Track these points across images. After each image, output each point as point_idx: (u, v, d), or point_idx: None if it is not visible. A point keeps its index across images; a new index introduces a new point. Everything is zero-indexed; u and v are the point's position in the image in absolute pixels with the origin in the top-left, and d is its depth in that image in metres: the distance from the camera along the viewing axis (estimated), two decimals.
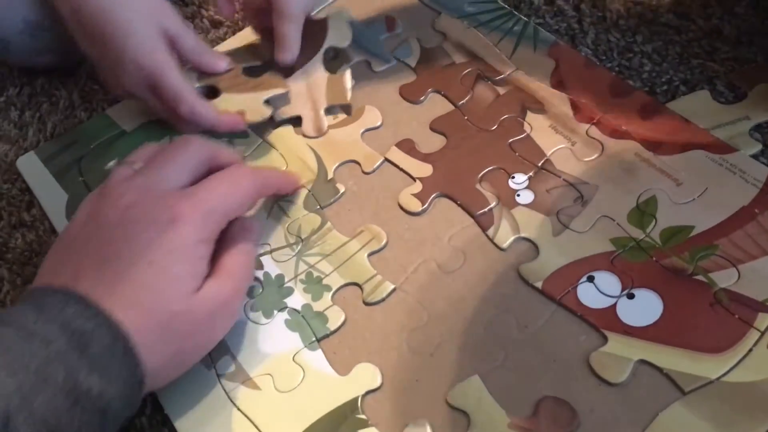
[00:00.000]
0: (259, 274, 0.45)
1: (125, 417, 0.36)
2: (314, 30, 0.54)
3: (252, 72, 0.54)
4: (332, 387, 0.40)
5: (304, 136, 0.51)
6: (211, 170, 0.42)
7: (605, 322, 0.39)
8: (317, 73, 0.53)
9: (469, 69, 0.53)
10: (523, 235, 0.44)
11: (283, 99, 0.53)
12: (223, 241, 0.40)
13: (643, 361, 0.38)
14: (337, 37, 0.54)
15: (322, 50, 0.54)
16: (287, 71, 0.53)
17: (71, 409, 0.32)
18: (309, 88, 0.53)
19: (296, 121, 0.52)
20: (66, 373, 0.32)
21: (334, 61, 0.55)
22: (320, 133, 0.51)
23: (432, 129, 0.50)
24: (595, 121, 0.48)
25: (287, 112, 0.52)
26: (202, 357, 0.39)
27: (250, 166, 0.49)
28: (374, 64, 0.55)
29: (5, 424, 0.30)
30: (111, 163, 0.52)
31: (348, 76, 0.53)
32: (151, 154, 0.42)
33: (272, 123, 0.52)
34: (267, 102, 0.52)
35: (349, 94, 0.52)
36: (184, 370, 0.39)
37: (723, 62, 0.51)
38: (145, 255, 0.36)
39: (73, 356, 0.33)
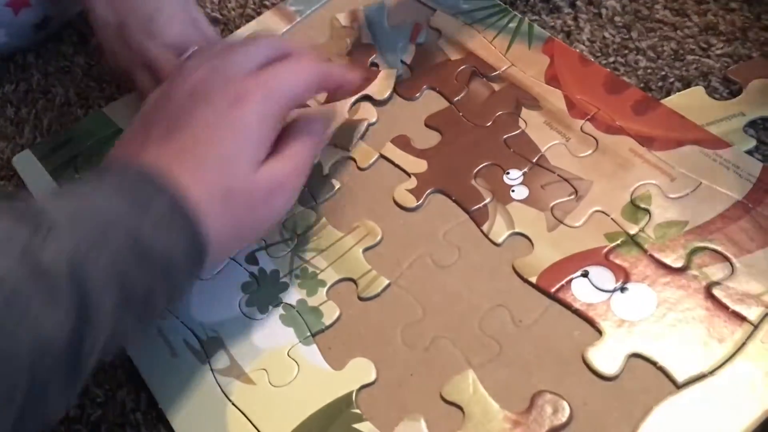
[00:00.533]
0: (254, 269, 0.45)
1: (191, 282, 0.37)
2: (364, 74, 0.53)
3: None
4: (327, 382, 0.40)
5: None
6: None
7: (599, 316, 0.39)
8: (338, 114, 0.52)
9: (464, 66, 0.53)
10: (517, 230, 0.44)
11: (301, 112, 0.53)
12: (287, 129, 0.41)
13: (637, 355, 0.38)
14: (378, 90, 0.53)
15: (357, 96, 0.52)
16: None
17: (137, 265, 0.33)
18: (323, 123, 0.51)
19: None
20: (128, 230, 0.33)
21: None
22: None
23: (427, 125, 0.50)
24: (589, 117, 0.48)
25: None
26: (261, 235, 0.41)
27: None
28: (381, 68, 0.55)
29: (72, 272, 0.30)
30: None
31: (360, 129, 0.51)
32: (223, 46, 0.44)
33: None
34: None
35: (353, 143, 0.50)
36: (244, 245, 0.41)
37: (718, 58, 0.51)
38: (209, 129, 0.38)
39: (135, 215, 0.33)
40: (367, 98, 0.53)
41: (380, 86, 0.53)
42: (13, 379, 0.28)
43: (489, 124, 0.49)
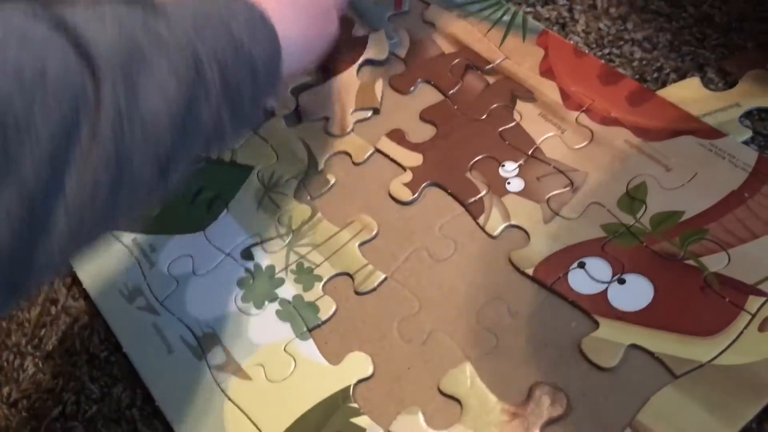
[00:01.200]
0: (249, 265, 0.45)
1: (270, 88, 0.39)
2: (355, 44, 0.56)
3: None
4: (324, 376, 0.40)
5: (327, 133, 0.51)
6: None
7: (596, 307, 0.39)
8: (350, 80, 0.54)
9: (459, 59, 0.53)
10: (513, 222, 0.44)
11: (311, 92, 0.54)
12: None
13: (634, 346, 0.38)
14: (375, 52, 0.55)
15: (359, 62, 0.55)
16: (326, 75, 0.55)
17: (233, 55, 0.35)
18: (340, 92, 0.53)
19: (323, 120, 0.53)
20: (224, 24, 0.35)
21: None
22: (344, 132, 0.51)
23: (422, 119, 0.50)
24: (584, 108, 0.48)
25: (317, 112, 0.53)
26: (324, 50, 0.44)
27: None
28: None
29: (188, 44, 0.32)
30: None
31: (380, 84, 0.53)
32: None
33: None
34: (291, 92, 0.54)
35: (379, 99, 0.52)
36: (311, 58, 0.44)
37: (714, 49, 0.51)
38: None
39: (225, 13, 0.36)
40: (369, 62, 0.54)
41: (376, 48, 0.55)
42: (159, 143, 0.30)
43: (484, 116, 0.49)
